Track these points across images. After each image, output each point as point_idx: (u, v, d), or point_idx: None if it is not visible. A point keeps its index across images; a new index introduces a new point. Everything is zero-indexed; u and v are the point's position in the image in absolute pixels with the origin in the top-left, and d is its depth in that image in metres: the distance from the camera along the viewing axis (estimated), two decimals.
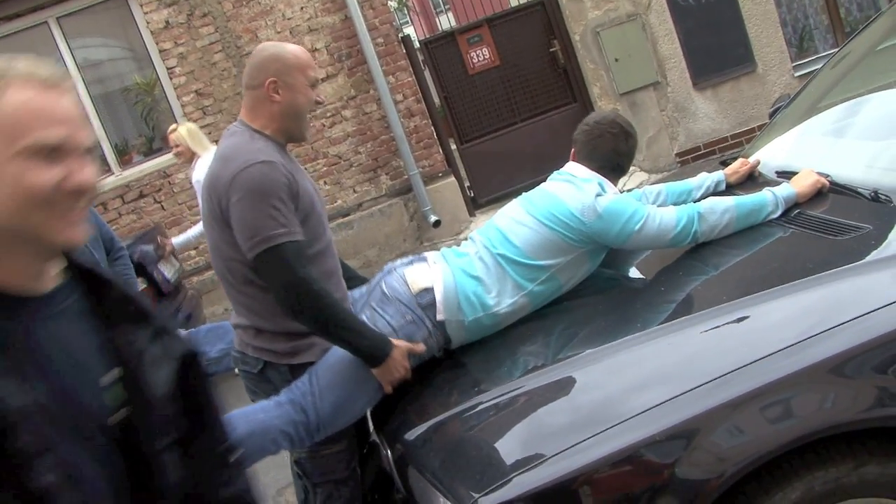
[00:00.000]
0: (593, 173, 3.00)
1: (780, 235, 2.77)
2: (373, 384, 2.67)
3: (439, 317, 2.78)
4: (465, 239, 3.08)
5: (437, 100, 9.61)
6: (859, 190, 2.74)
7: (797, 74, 9.66)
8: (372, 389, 2.69)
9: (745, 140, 9.28)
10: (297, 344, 2.72)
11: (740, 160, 3.40)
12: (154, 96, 9.05)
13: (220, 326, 3.41)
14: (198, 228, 6.68)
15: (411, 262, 2.97)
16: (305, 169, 8.90)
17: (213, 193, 2.66)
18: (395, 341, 2.66)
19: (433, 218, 9.04)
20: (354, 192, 9.15)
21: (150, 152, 9.08)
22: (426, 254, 3.02)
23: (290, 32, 8.79)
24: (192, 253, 8.72)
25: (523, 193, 3.13)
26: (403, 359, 2.67)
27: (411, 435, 2.52)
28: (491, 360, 2.75)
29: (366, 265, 9.13)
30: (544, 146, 9.53)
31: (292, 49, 2.79)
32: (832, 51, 9.72)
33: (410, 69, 9.18)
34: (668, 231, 2.82)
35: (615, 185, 3.06)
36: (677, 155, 9.69)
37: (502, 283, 2.83)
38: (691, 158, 9.66)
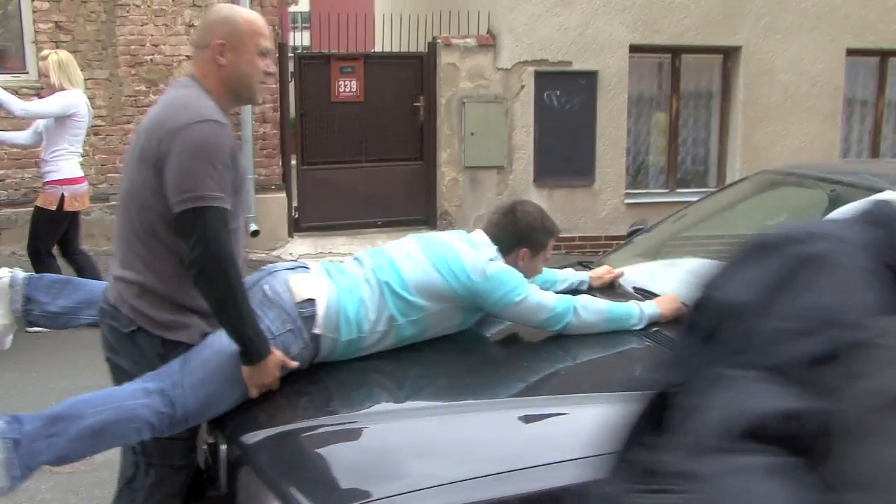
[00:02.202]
0: (490, 242, 3.10)
1: (635, 346, 3.01)
2: (241, 386, 2.61)
3: (316, 330, 2.75)
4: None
5: (292, 114, 9.54)
6: None
7: (627, 201, 10.25)
8: (240, 391, 2.61)
9: (562, 245, 9.71)
10: (177, 318, 2.63)
11: (605, 267, 3.61)
12: (6, 11, 8.53)
13: (69, 282, 3.21)
14: (21, 136, 6.35)
15: (294, 269, 2.92)
16: None
17: (153, 136, 2.55)
18: (272, 349, 2.62)
19: (253, 227, 8.91)
20: None
21: None
22: (306, 263, 3.00)
23: None
24: None
25: (421, 234, 3.18)
26: (276, 367, 2.62)
27: (253, 437, 2.49)
28: (345, 384, 2.79)
29: None
30: (380, 191, 9.65)
31: (245, 14, 2.74)
32: (662, 189, 10.45)
33: (278, 76, 9.09)
34: (542, 312, 2.96)
35: (535, 258, 3.17)
36: None
37: (380, 311, 2.85)
38: None
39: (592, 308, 3.04)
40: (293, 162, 9.71)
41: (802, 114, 10.63)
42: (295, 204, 9.70)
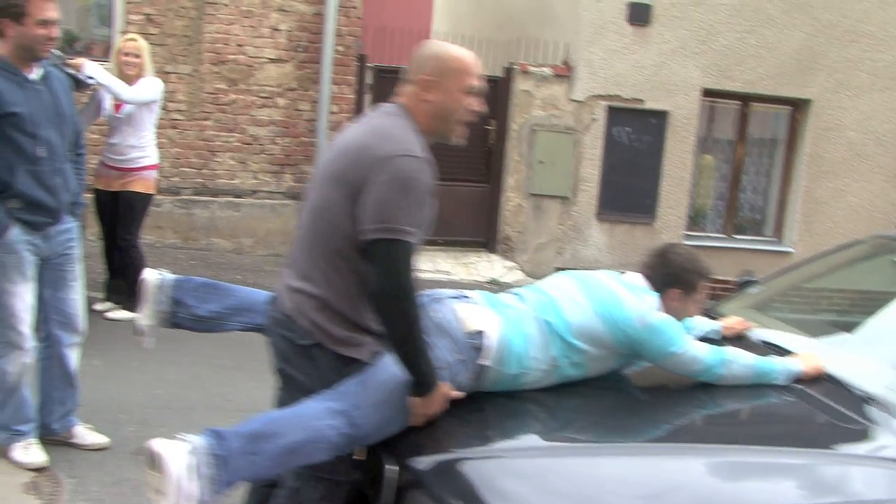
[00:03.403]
0: (649, 289, 3.12)
1: (776, 400, 3.08)
2: (408, 414, 2.64)
3: (484, 362, 2.78)
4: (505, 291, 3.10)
5: None
6: (853, 387, 3.06)
7: (685, 243, 10.23)
8: (407, 417, 2.65)
9: None
10: (353, 336, 2.65)
11: (738, 319, 3.63)
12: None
13: (218, 287, 3.23)
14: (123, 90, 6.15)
15: (458, 298, 2.95)
16: (219, 137, 8.68)
17: (356, 160, 2.58)
18: (441, 381, 2.65)
19: None
20: (256, 178, 8.96)
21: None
22: (467, 293, 3.03)
23: (262, 1, 8.64)
24: None
25: (572, 272, 3.20)
26: (443, 399, 2.66)
27: (423, 461, 2.53)
28: (510, 416, 2.84)
29: (237, 251, 8.93)
30: (443, 210, 9.44)
31: (457, 52, 2.75)
32: (719, 234, 10.47)
33: (356, 87, 9.16)
34: (696, 364, 3.01)
35: (686, 300, 3.18)
36: (557, 269, 10.02)
37: (543, 350, 2.87)
38: None
39: (741, 362, 3.07)
40: None
41: (866, 172, 10.65)
42: None
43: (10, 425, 4.09)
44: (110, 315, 6.36)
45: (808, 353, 3.28)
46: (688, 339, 3.03)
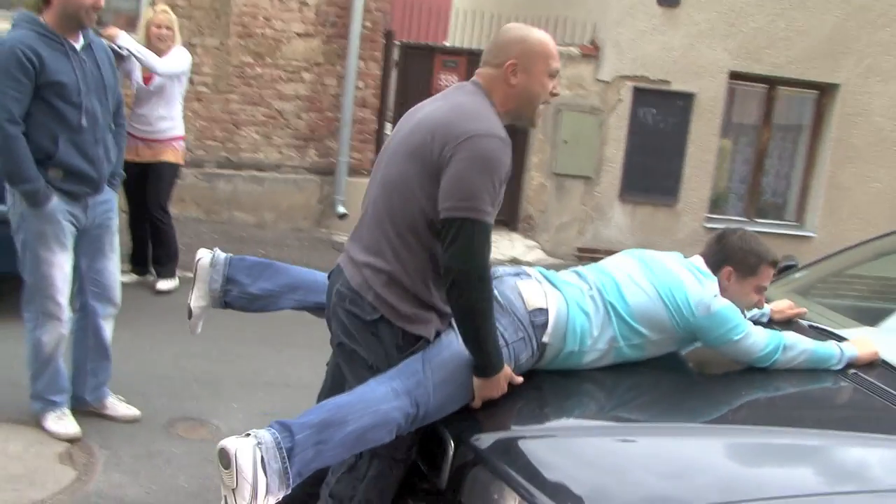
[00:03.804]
0: (712, 275, 3.09)
1: (832, 385, 3.11)
2: (468, 393, 2.64)
3: (545, 339, 2.78)
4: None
5: (391, 103, 9.56)
6: None
7: (706, 225, 10.21)
8: (467, 397, 2.65)
9: None
10: (419, 313, 2.63)
11: (787, 302, 3.61)
12: None
13: (271, 265, 3.21)
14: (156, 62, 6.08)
15: (519, 275, 2.93)
16: (244, 111, 8.65)
17: (438, 136, 2.55)
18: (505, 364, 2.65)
19: (342, 210, 8.94)
20: (280, 152, 8.93)
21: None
22: (526, 269, 3.01)
23: None
24: None
25: (636, 251, 3.18)
26: (506, 382, 2.65)
27: (485, 440, 2.54)
28: (572, 393, 2.87)
29: (259, 225, 8.92)
30: None
31: (539, 35, 2.74)
32: (741, 217, 10.41)
33: (382, 63, 9.11)
34: (755, 351, 3.01)
35: (743, 282, 3.14)
36: (578, 249, 10.01)
37: (603, 330, 2.87)
38: (588, 258, 10.00)
39: (799, 347, 3.08)
40: None
41: (891, 158, 10.55)
42: None
43: (45, 395, 4.11)
44: (124, 279, 6.35)
45: (863, 337, 3.29)
46: (749, 326, 3.02)
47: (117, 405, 4.38)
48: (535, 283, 2.90)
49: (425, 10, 9.49)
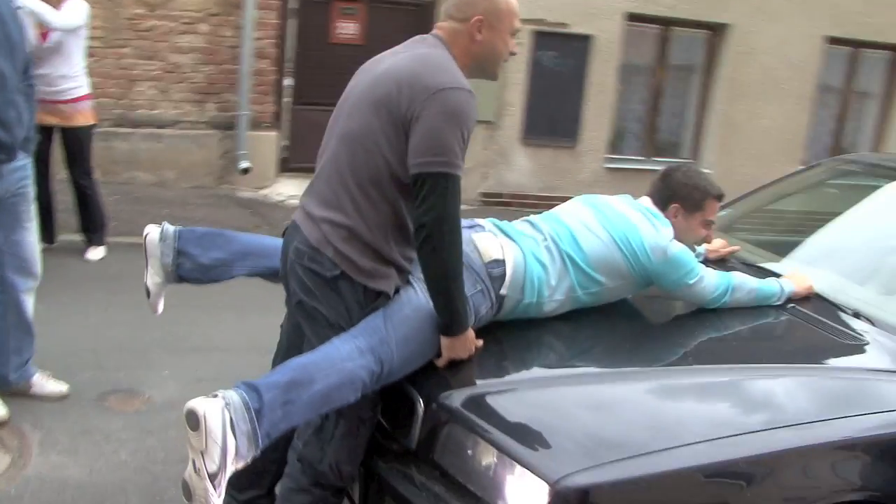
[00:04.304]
0: (666, 220, 3.15)
1: (773, 320, 3.26)
2: (433, 350, 2.64)
3: (502, 291, 2.79)
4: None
5: (289, 53, 9.33)
6: (841, 305, 3.30)
7: (605, 165, 10.41)
8: (432, 352, 2.64)
9: (542, 205, 9.79)
10: (379, 268, 2.60)
11: (721, 241, 3.71)
12: None
13: (221, 234, 3.11)
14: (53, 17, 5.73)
15: (473, 227, 2.92)
16: (139, 65, 8.33)
17: (403, 87, 2.49)
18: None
19: (245, 164, 8.75)
20: (177, 108, 8.66)
21: None
22: (479, 221, 3.00)
23: None
24: None
25: (588, 197, 3.19)
26: (472, 344, 2.66)
27: (455, 397, 2.56)
28: (533, 344, 2.91)
29: (159, 184, 8.66)
30: None
31: None
32: (639, 156, 10.64)
33: (280, 12, 8.87)
34: (708, 293, 3.12)
35: (690, 218, 3.21)
36: (481, 194, 10.06)
37: (561, 280, 2.90)
38: (493, 202, 10.07)
39: (746, 287, 3.21)
40: (285, 100, 9.52)
41: (778, 95, 10.92)
42: (285, 143, 9.53)
43: None
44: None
45: (798, 272, 3.43)
46: (703, 269, 3.11)
47: (45, 383, 4.22)
48: (490, 236, 2.90)
49: None
